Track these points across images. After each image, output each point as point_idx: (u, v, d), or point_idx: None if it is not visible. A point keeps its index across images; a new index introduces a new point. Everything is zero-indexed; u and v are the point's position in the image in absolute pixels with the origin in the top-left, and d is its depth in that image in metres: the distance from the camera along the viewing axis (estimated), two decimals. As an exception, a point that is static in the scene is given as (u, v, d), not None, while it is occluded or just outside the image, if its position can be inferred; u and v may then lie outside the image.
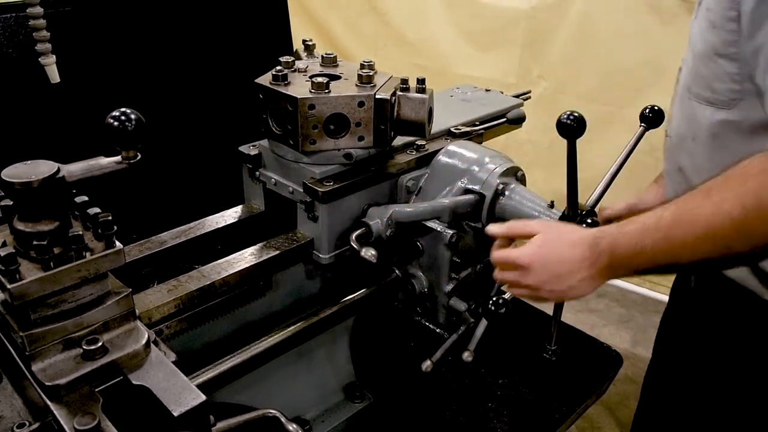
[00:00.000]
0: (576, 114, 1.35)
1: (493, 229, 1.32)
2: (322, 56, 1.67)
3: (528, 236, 1.23)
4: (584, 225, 1.43)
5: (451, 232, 1.54)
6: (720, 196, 1.02)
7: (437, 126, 1.82)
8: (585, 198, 1.56)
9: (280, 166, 1.61)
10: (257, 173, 1.68)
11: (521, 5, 3.45)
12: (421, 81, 1.56)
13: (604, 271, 1.15)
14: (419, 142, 1.73)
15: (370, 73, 1.52)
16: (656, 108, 1.62)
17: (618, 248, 1.13)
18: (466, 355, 1.62)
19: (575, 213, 1.44)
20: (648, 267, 1.11)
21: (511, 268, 1.23)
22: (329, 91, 1.47)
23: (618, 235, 1.13)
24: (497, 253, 1.28)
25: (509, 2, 3.49)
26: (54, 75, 1.80)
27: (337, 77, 1.57)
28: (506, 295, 1.37)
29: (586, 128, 1.37)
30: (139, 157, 1.04)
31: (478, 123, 1.93)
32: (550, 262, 1.17)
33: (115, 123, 1.00)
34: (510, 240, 1.32)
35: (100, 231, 1.00)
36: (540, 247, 1.19)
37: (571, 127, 1.35)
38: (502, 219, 1.58)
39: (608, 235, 1.15)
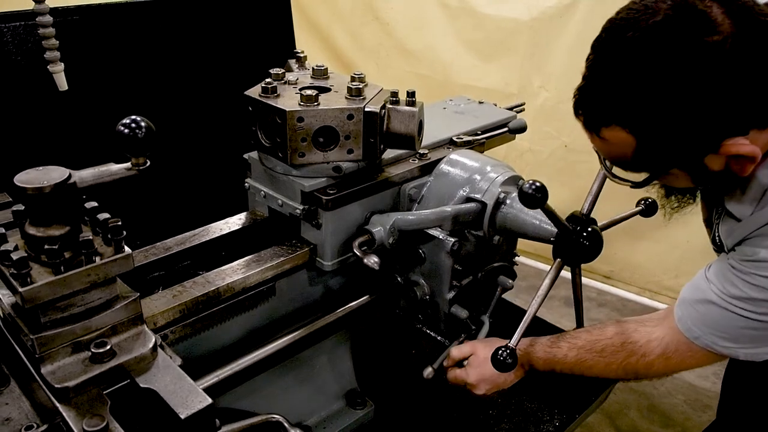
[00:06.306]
0: (538, 183, 1.30)
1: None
2: (313, 68, 1.67)
3: (466, 356, 1.65)
4: (585, 233, 1.45)
5: (452, 240, 1.56)
6: (609, 360, 1.48)
7: (438, 135, 1.84)
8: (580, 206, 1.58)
9: (270, 178, 1.62)
10: (246, 185, 1.69)
11: (522, 16, 3.49)
12: (411, 94, 1.55)
13: (523, 373, 1.65)
14: (422, 151, 1.75)
15: (360, 86, 1.52)
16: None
17: (534, 365, 1.62)
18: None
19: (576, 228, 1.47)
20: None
21: (462, 383, 1.66)
22: (318, 104, 1.47)
23: (534, 359, 1.60)
24: (452, 375, 1.68)
25: (510, 13, 3.52)
26: (62, 82, 1.82)
27: (326, 89, 1.57)
28: (511, 342, 1.43)
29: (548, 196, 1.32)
30: (149, 163, 1.06)
31: (479, 132, 1.95)
32: (486, 375, 1.61)
33: (126, 130, 1.02)
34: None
35: (109, 236, 1.02)
36: (477, 367, 1.62)
37: (535, 197, 1.30)
38: (503, 227, 1.59)
39: (527, 354, 1.60)
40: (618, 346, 1.47)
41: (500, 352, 1.40)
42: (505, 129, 1.99)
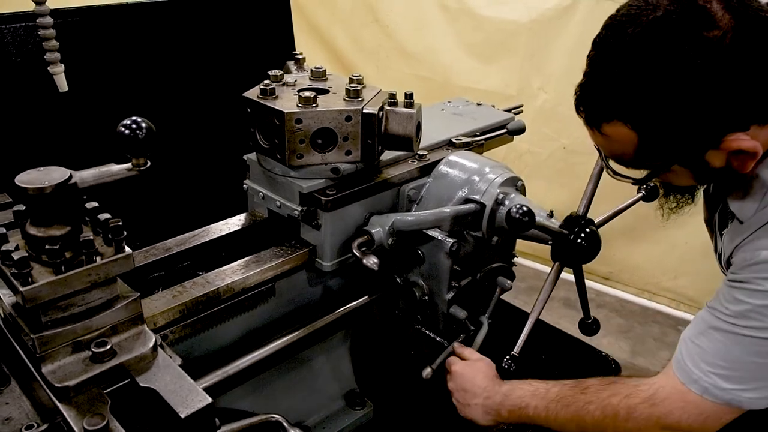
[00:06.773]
0: (524, 208, 1.34)
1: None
2: (312, 70, 1.67)
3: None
4: (583, 234, 1.46)
5: (451, 240, 1.57)
6: (590, 398, 1.36)
7: (437, 137, 1.85)
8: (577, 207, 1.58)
9: (268, 179, 1.62)
10: (245, 186, 1.69)
11: (521, 18, 3.49)
12: (409, 96, 1.56)
13: (494, 408, 1.51)
14: (420, 152, 1.75)
15: (358, 88, 1.52)
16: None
17: (509, 398, 1.49)
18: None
19: (574, 222, 1.47)
20: (527, 423, 1.46)
21: (449, 371, 1.64)
22: (316, 106, 1.47)
23: (514, 388, 1.50)
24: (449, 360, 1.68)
25: (510, 15, 3.53)
26: (62, 84, 1.82)
27: (325, 91, 1.58)
28: (515, 350, 1.45)
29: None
30: (149, 164, 1.06)
31: (478, 134, 1.95)
32: (465, 377, 1.58)
33: (126, 131, 1.02)
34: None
35: (110, 236, 1.03)
36: (461, 377, 1.60)
37: (522, 222, 1.32)
38: (501, 228, 1.60)
39: (508, 382, 1.52)
40: (605, 385, 1.39)
41: (505, 359, 1.44)
42: (504, 130, 2.00)
